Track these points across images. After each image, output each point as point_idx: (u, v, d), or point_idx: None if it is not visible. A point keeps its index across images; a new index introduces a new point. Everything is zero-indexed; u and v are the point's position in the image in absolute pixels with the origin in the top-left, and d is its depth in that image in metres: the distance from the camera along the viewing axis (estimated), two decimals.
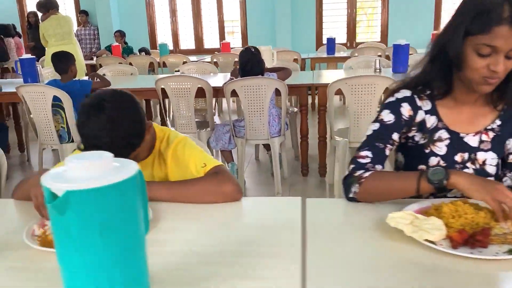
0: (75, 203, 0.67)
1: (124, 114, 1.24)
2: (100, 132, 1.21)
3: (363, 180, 1.20)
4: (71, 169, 0.71)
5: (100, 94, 1.26)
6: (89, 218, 0.69)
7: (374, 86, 2.99)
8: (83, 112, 1.24)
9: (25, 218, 1.24)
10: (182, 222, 1.16)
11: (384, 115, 1.32)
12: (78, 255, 0.70)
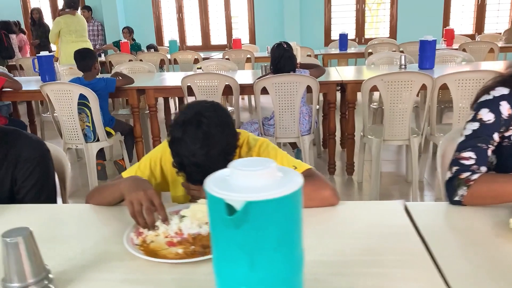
0: (255, 215, 0.61)
1: (221, 129, 1.18)
2: (198, 149, 1.15)
3: (471, 183, 1.15)
4: (236, 178, 0.65)
5: (194, 107, 1.20)
6: (267, 231, 0.63)
7: (411, 83, 2.95)
8: (177, 127, 1.18)
9: (115, 224, 1.18)
10: None
11: (483, 114, 1.26)
12: (250, 271, 0.64)
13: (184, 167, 1.19)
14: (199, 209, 1.10)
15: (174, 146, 1.19)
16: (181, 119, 1.18)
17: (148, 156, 1.42)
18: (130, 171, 1.41)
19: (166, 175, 1.41)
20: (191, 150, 1.15)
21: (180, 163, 1.20)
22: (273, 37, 8.17)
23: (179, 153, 1.18)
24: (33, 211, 1.30)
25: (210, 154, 1.16)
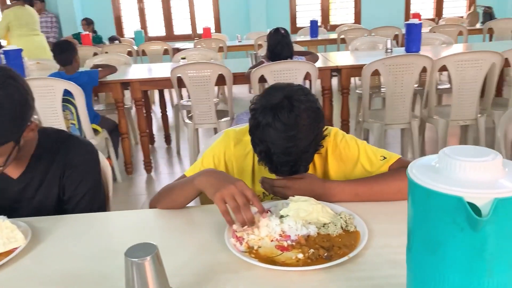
0: (502, 214, 0.52)
1: (314, 115, 1.09)
2: (290, 136, 1.04)
3: None
4: (459, 170, 0.56)
5: (282, 90, 1.08)
6: (508, 232, 0.54)
7: (412, 66, 2.94)
8: (266, 111, 1.06)
9: (201, 229, 1.05)
10: None
11: None
12: (487, 279, 0.55)
13: (270, 156, 1.08)
14: (302, 208, 1.00)
15: (259, 132, 1.08)
16: (269, 102, 1.06)
17: (210, 151, 1.29)
18: (193, 169, 1.27)
19: (231, 172, 1.28)
20: (282, 136, 1.04)
21: (266, 151, 1.08)
22: (239, 25, 8.03)
23: (266, 139, 1.07)
24: (96, 221, 1.15)
25: (303, 142, 1.06)
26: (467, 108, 3.06)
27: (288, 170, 1.10)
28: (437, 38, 4.47)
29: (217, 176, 1.04)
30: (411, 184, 0.59)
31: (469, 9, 7.63)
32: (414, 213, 0.61)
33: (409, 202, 0.62)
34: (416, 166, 0.61)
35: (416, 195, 0.59)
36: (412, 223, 0.62)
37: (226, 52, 6.11)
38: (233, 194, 0.97)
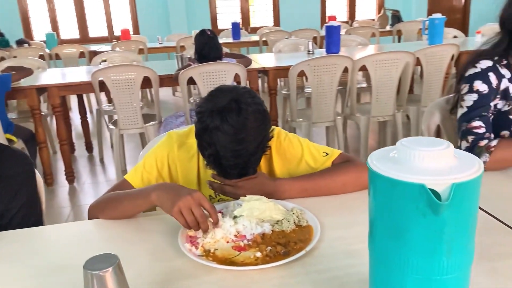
0: (459, 198, 0.57)
1: (262, 117, 1.09)
2: (239, 139, 1.04)
3: (492, 149, 1.23)
4: (417, 159, 0.60)
5: (229, 92, 1.07)
6: (466, 214, 0.59)
7: (335, 66, 3.08)
8: (213, 115, 1.04)
9: (151, 237, 1.01)
10: None
11: (478, 85, 1.36)
12: (447, 260, 0.60)
13: (219, 159, 1.07)
14: (255, 207, 1.00)
15: (207, 135, 1.06)
16: (216, 105, 1.05)
17: (152, 154, 1.25)
18: (135, 173, 1.22)
19: (175, 175, 1.25)
20: (231, 139, 1.04)
21: (215, 155, 1.07)
22: (159, 27, 7.87)
23: (214, 143, 1.06)
24: (35, 237, 1.06)
25: (251, 145, 1.06)
26: (386, 105, 3.27)
27: (237, 173, 1.10)
28: (354, 39, 4.72)
29: (173, 189, 1.01)
30: (374, 175, 0.62)
31: (379, 12, 8.15)
32: (377, 202, 0.64)
33: (370, 193, 0.65)
34: (376, 158, 0.64)
35: (379, 185, 0.62)
36: (374, 212, 0.65)
37: (146, 54, 5.96)
38: (190, 206, 0.95)
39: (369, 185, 0.65)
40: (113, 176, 3.68)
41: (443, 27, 4.16)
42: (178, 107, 6.14)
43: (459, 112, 1.39)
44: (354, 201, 1.14)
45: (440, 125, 1.66)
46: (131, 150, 4.25)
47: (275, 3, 8.29)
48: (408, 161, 0.61)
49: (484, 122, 1.33)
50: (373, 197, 0.64)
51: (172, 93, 6.79)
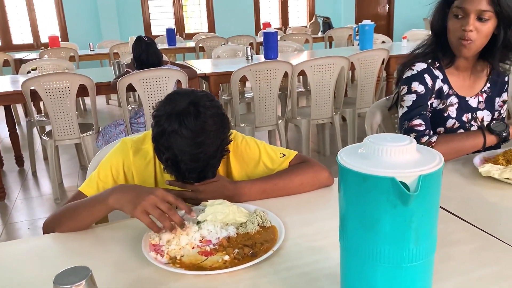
0: (425, 189, 0.61)
1: (220, 120, 1.09)
2: (198, 143, 1.04)
3: (433, 145, 1.33)
4: (384, 154, 0.64)
5: (187, 96, 1.06)
6: (431, 203, 0.64)
7: (276, 71, 3.15)
8: (171, 118, 1.03)
9: (111, 247, 0.98)
10: None
11: (416, 86, 1.46)
12: (415, 247, 0.64)
13: (177, 163, 1.06)
14: (218, 211, 1.00)
15: (165, 139, 1.05)
16: (174, 109, 1.04)
17: (107, 163, 1.20)
18: (89, 184, 1.17)
19: (131, 183, 1.22)
20: (190, 143, 1.03)
21: (173, 159, 1.06)
22: (89, 33, 7.58)
23: (172, 147, 1.04)
24: None
25: (210, 148, 1.07)
26: (324, 108, 3.39)
27: (196, 177, 1.10)
28: (290, 45, 4.85)
29: (132, 190, 0.99)
30: (345, 171, 0.65)
31: (310, 20, 8.43)
32: (348, 196, 0.67)
33: (341, 188, 0.68)
34: (345, 155, 0.67)
35: (350, 180, 0.65)
36: (346, 206, 0.68)
37: (78, 61, 5.71)
38: (154, 203, 0.94)
39: (340, 181, 0.68)
40: (48, 190, 3.48)
41: (372, 33, 4.39)
42: (112, 115, 5.95)
43: (400, 111, 1.48)
44: (312, 199, 1.18)
45: (381, 124, 1.75)
46: (66, 162, 4.05)
47: (209, 9, 8.30)
48: (377, 156, 0.64)
49: (423, 120, 1.43)
50: (344, 192, 0.67)
51: (106, 101, 6.57)
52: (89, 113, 5.88)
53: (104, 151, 1.39)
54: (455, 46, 1.43)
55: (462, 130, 1.51)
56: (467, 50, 1.40)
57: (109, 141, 3.22)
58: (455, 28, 1.40)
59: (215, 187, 1.12)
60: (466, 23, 1.36)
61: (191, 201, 1.12)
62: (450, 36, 1.44)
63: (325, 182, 1.22)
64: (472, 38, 1.37)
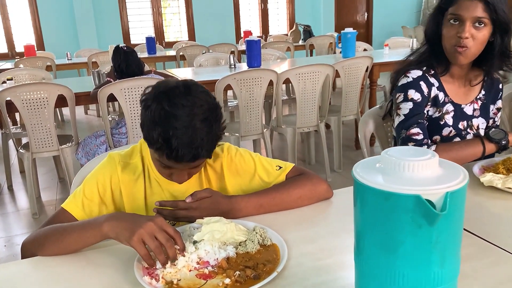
0: (452, 206, 0.56)
1: (209, 96, 1.06)
2: (192, 116, 0.99)
3: None
4: (406, 169, 0.59)
5: (172, 80, 1.04)
6: (457, 222, 0.59)
7: (261, 80, 3.10)
8: (160, 96, 1.00)
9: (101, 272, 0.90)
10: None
11: (412, 94, 1.43)
12: (440, 269, 0.59)
13: (169, 139, 0.98)
14: (215, 229, 0.94)
15: (156, 117, 0.99)
16: (163, 88, 1.01)
17: (93, 178, 1.12)
18: (74, 201, 1.09)
19: (119, 201, 1.14)
20: (181, 115, 0.98)
21: (164, 135, 0.98)
22: (66, 42, 7.43)
23: (163, 123, 0.98)
24: None
25: (204, 123, 1.01)
26: (310, 116, 3.36)
27: (189, 153, 1.00)
28: (272, 53, 4.82)
29: (129, 217, 0.92)
30: (363, 188, 0.60)
31: (290, 28, 8.45)
32: (366, 215, 0.61)
33: (357, 206, 0.63)
34: (362, 170, 0.62)
35: (369, 198, 0.60)
36: (362, 225, 0.63)
37: (55, 71, 5.57)
38: (153, 232, 0.87)
39: (356, 198, 0.63)
40: (25, 205, 3.34)
41: (355, 40, 4.40)
42: (91, 125, 5.81)
43: (396, 120, 1.44)
44: (311, 214, 1.12)
45: (374, 132, 1.72)
46: (44, 175, 3.91)
47: (189, 17, 8.24)
48: (398, 172, 0.59)
49: (421, 129, 1.39)
50: (361, 211, 0.62)
51: (85, 111, 6.42)
52: (67, 124, 5.73)
53: (88, 167, 1.31)
54: (451, 53, 1.40)
55: (458, 138, 1.48)
56: (463, 57, 1.38)
57: (90, 152, 3.11)
58: (451, 35, 1.38)
59: (208, 203, 1.05)
60: (462, 30, 1.34)
61: (184, 220, 1.05)
62: (445, 43, 1.41)
63: (324, 195, 1.17)
64: (468, 45, 1.35)
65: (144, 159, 1.17)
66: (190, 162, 1.03)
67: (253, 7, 8.67)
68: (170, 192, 1.16)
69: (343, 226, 1.04)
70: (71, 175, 3.15)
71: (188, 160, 1.02)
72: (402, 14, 9.52)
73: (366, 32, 9.43)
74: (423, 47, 1.51)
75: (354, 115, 3.73)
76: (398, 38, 5.71)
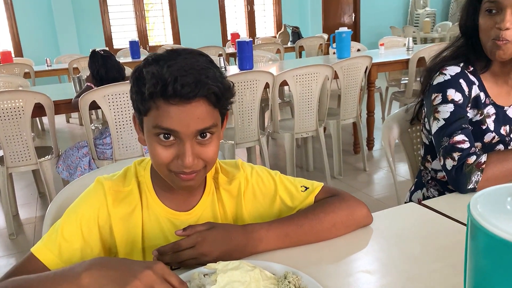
0: None
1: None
2: (185, 56, 0.80)
3: (483, 166, 1.08)
4: None
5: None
6: None
7: (256, 82, 2.88)
8: (148, 63, 0.81)
9: None
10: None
11: (452, 94, 1.22)
12: None
13: (162, 75, 0.77)
14: (235, 279, 0.71)
15: (149, 66, 0.80)
16: (153, 56, 0.83)
17: (74, 215, 0.87)
18: (48, 244, 0.84)
19: (109, 242, 0.90)
20: (177, 57, 0.80)
21: (158, 74, 0.77)
22: (45, 48, 7.11)
23: (157, 69, 0.78)
24: None
25: (201, 63, 0.80)
26: (308, 120, 3.14)
27: (191, 84, 0.77)
28: (264, 55, 4.60)
29: (119, 264, 0.68)
30: (498, 243, 0.38)
31: (277, 30, 8.26)
32: (494, 277, 0.39)
33: (478, 261, 0.41)
34: (486, 210, 0.40)
35: (504, 257, 0.38)
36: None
37: (34, 78, 5.27)
38: (152, 284, 0.64)
39: (476, 250, 0.41)
40: (1, 224, 3.05)
41: (350, 40, 4.21)
42: (74, 135, 5.52)
43: (435, 125, 1.23)
44: (348, 248, 0.89)
45: (398, 139, 1.50)
46: (22, 190, 3.62)
47: (173, 20, 7.99)
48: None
49: (466, 136, 1.18)
50: (488, 270, 0.40)
51: (66, 120, 6.11)
52: (47, 133, 5.42)
53: (69, 191, 1.06)
54: (489, 48, 1.20)
55: (501, 145, 1.27)
56: (503, 52, 1.17)
57: (71, 165, 2.85)
58: (488, 27, 1.17)
59: (218, 233, 0.82)
60: (501, 20, 1.13)
61: (191, 264, 0.82)
62: (482, 37, 1.21)
63: (363, 222, 0.94)
64: (509, 38, 1.15)
65: (141, 184, 0.93)
66: (195, 94, 0.78)
67: (239, 9, 8.45)
68: (176, 225, 0.92)
69: (397, 265, 0.82)
70: (52, 190, 2.89)
71: (188, 95, 0.78)
72: (389, 14, 9.41)
73: (354, 34, 9.27)
74: (458, 41, 1.31)
75: (353, 118, 3.54)
76: (392, 38, 5.55)
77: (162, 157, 0.82)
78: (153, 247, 0.85)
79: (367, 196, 3.12)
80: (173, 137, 0.81)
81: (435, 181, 1.42)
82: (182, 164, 0.81)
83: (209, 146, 0.83)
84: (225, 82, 0.84)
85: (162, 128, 0.80)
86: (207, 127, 0.81)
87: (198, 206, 0.93)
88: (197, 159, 0.82)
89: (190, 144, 0.81)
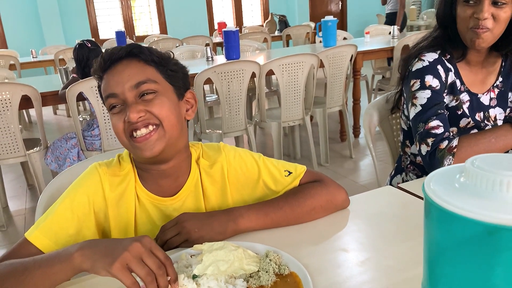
0: None
1: None
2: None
3: (455, 150, 1.13)
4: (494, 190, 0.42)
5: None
6: None
7: (242, 72, 2.91)
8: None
9: None
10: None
11: (430, 80, 1.27)
12: None
13: (103, 57, 0.91)
14: (220, 259, 0.75)
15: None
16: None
17: (68, 200, 0.90)
18: (42, 229, 0.87)
19: (105, 227, 0.94)
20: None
21: (100, 58, 0.91)
22: (30, 40, 7.04)
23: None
24: None
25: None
26: (295, 108, 3.19)
27: (120, 50, 0.90)
28: (250, 44, 4.62)
29: (108, 242, 0.72)
30: (446, 215, 0.43)
31: (264, 19, 8.25)
32: (454, 254, 0.44)
33: (431, 235, 0.46)
34: (440, 188, 0.45)
35: (457, 231, 0.43)
36: (442, 262, 0.46)
37: (19, 70, 5.23)
38: (140, 256, 0.68)
39: (431, 226, 0.46)
40: None
41: (335, 29, 4.25)
42: (61, 127, 5.50)
43: (412, 111, 1.28)
44: (327, 230, 0.94)
45: (378, 126, 1.56)
46: (11, 182, 3.63)
47: (160, 10, 7.94)
48: (498, 193, 0.42)
49: (441, 121, 1.23)
50: (443, 245, 0.45)
51: (54, 112, 6.08)
52: (35, 125, 5.40)
53: (60, 181, 1.09)
54: (467, 37, 1.24)
55: (476, 129, 1.33)
56: (482, 40, 1.22)
57: (60, 157, 2.87)
58: (466, 16, 1.21)
59: (196, 214, 0.89)
60: (479, 10, 1.18)
61: (177, 238, 0.86)
62: (460, 27, 1.25)
63: (341, 206, 0.99)
64: (488, 26, 1.19)
65: (135, 168, 0.97)
66: (121, 54, 0.89)
67: None
68: (162, 210, 0.96)
69: (373, 243, 0.87)
70: (41, 182, 2.90)
71: (120, 52, 0.89)
72: (376, 3, 9.44)
73: (340, 22, 9.31)
74: (435, 32, 1.35)
75: (339, 106, 3.59)
76: (378, 26, 5.60)
77: (116, 126, 0.88)
78: (143, 232, 0.90)
79: (353, 182, 3.19)
80: (119, 103, 0.88)
81: (414, 166, 1.48)
82: (128, 119, 0.85)
83: (155, 102, 0.88)
84: (158, 50, 0.94)
85: (107, 96, 0.88)
86: (140, 81, 0.87)
87: (182, 191, 0.98)
88: (147, 113, 0.87)
89: (132, 102, 0.87)
